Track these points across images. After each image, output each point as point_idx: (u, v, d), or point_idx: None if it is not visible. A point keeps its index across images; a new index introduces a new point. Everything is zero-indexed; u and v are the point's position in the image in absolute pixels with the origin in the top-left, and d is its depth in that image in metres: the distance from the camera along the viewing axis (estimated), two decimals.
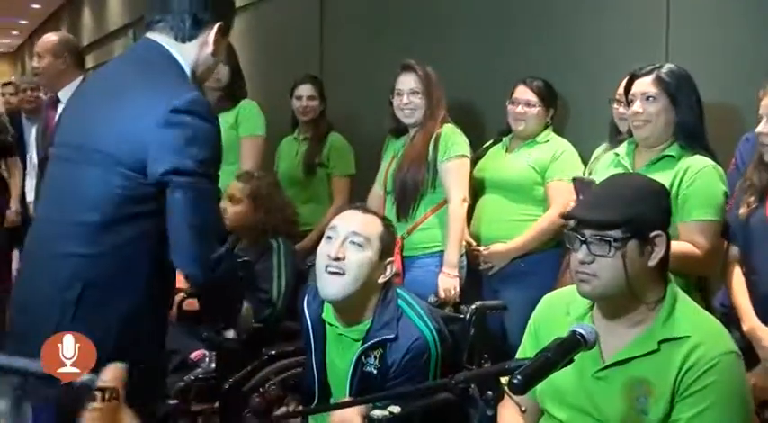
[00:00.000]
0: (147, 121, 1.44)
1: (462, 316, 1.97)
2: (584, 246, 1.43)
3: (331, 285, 1.74)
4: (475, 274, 2.72)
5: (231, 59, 3.11)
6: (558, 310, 1.60)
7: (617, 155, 2.17)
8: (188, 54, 1.58)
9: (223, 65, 3.05)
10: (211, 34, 1.59)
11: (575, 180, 2.21)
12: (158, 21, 1.57)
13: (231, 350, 2.20)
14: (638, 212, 1.42)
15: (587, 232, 1.43)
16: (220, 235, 1.56)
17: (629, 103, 2.11)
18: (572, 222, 1.49)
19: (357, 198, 3.31)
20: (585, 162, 2.64)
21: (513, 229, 2.66)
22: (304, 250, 2.90)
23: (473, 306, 1.98)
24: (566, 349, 1.19)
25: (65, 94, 3.00)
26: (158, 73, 1.54)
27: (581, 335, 1.22)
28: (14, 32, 17.86)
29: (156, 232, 1.50)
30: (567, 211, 1.54)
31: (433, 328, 1.77)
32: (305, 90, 3.29)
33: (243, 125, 3.13)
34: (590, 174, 2.45)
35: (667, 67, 2.06)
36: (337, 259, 1.73)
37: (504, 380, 1.20)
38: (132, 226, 1.48)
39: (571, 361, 1.22)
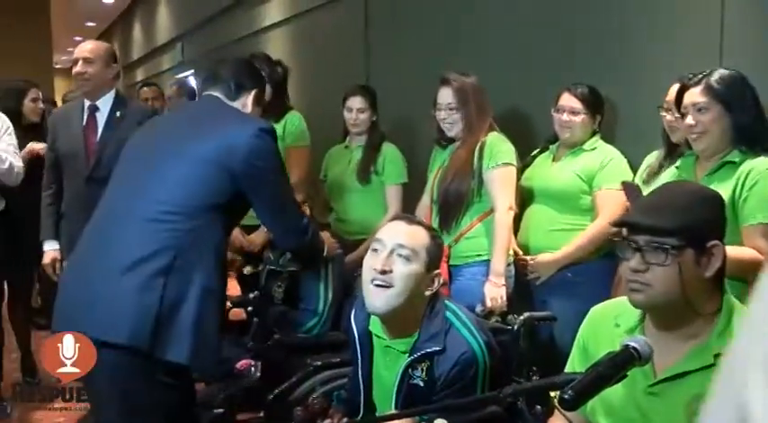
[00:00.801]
0: (241, 137, 1.94)
1: (510, 327, 1.92)
2: (638, 253, 1.37)
3: (377, 298, 1.72)
4: (523, 284, 2.68)
5: (273, 76, 3.16)
6: (607, 323, 1.54)
7: (678, 168, 2.11)
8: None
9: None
10: (250, 98, 2.11)
11: (624, 184, 2.15)
12: (212, 84, 2.11)
13: (277, 360, 2.20)
14: (694, 220, 1.36)
15: (641, 239, 1.37)
16: (300, 211, 2.16)
17: (682, 115, 2.04)
18: (623, 230, 1.44)
19: (408, 207, 3.30)
20: (635, 169, 2.57)
21: (559, 239, 2.60)
22: (357, 260, 2.89)
23: (521, 317, 1.93)
24: (618, 364, 1.14)
25: (104, 104, 3.04)
26: (236, 109, 2.07)
27: (634, 349, 1.17)
28: (70, 49, 18.43)
29: (225, 219, 1.94)
30: (619, 217, 1.48)
31: (482, 340, 1.73)
32: (355, 102, 3.26)
33: (290, 136, 3.18)
34: (643, 183, 2.39)
35: (718, 73, 1.98)
36: (384, 272, 1.71)
37: (553, 394, 1.16)
38: (214, 211, 1.90)
39: (624, 376, 1.17)
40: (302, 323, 2.41)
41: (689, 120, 1.99)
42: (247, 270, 3.00)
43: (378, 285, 1.71)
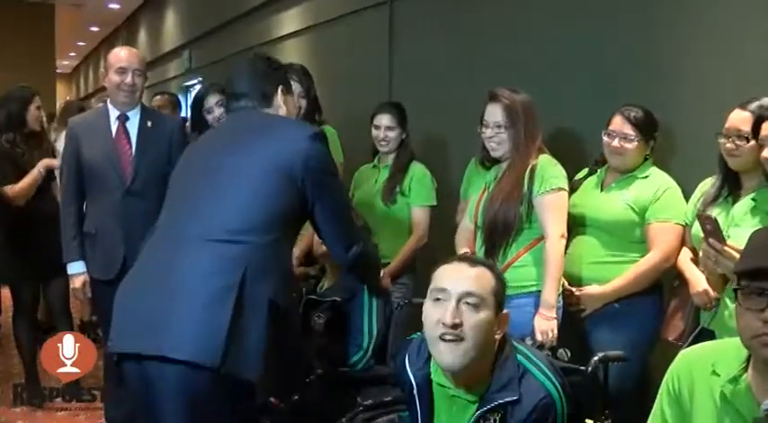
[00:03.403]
0: (296, 143, 1.90)
1: (583, 368, 1.80)
2: None
3: (450, 355, 1.59)
4: (568, 314, 2.54)
5: (310, 91, 3.08)
6: (702, 370, 1.42)
7: (754, 200, 2.03)
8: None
9: (301, 97, 3.01)
10: (278, 98, 2.05)
11: (700, 216, 2.04)
12: (237, 101, 2.05)
13: (319, 396, 2.07)
14: None
15: None
16: (354, 221, 2.10)
17: (760, 146, 1.97)
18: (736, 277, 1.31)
19: (434, 229, 3.17)
20: (687, 195, 2.45)
21: (609, 271, 2.48)
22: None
23: (595, 358, 1.81)
24: None
25: (134, 113, 2.97)
26: (278, 117, 2.03)
27: None
28: (72, 54, 18.36)
29: (291, 232, 1.95)
30: (744, 264, 1.34)
31: (558, 383, 1.61)
32: (384, 119, 3.15)
33: None
34: (703, 209, 2.27)
35: None
36: (454, 326, 1.58)
37: None
38: (282, 224, 1.87)
39: None
40: (346, 357, 2.28)
41: (766, 152, 1.93)
42: None
43: (449, 340, 1.59)
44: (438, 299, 1.62)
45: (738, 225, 2.00)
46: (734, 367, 1.37)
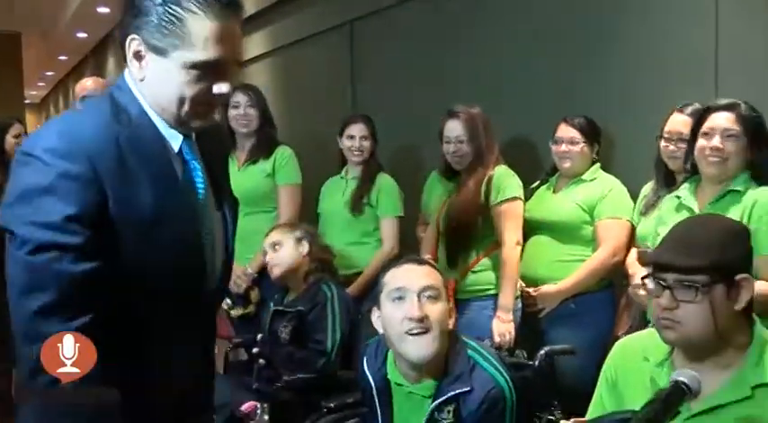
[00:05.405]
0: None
1: (532, 362, 1.90)
2: (667, 291, 1.36)
3: (420, 347, 1.69)
4: (526, 316, 2.65)
5: (260, 103, 3.08)
6: (635, 357, 1.53)
7: (678, 197, 2.13)
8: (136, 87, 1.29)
9: (251, 108, 3.04)
10: (129, 54, 1.27)
11: (639, 252, 2.16)
12: None
13: (286, 402, 2.14)
14: (725, 256, 1.36)
15: (670, 277, 1.36)
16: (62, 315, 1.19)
17: (693, 137, 2.05)
18: (649, 267, 1.44)
19: (400, 238, 3.23)
20: (635, 199, 2.59)
21: (562, 270, 2.60)
22: (352, 296, 2.82)
23: (542, 352, 1.92)
24: (672, 402, 1.13)
25: None
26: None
27: (684, 384, 1.16)
28: (41, 84, 18.25)
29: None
30: (647, 256, 1.47)
31: (507, 376, 1.71)
32: (358, 129, 3.15)
33: (280, 173, 3.08)
34: (641, 214, 2.41)
35: (744, 105, 2.02)
36: (421, 320, 1.69)
37: None
38: None
39: (678, 413, 1.15)
40: (311, 363, 2.36)
41: (715, 141, 1.99)
42: (235, 312, 2.92)
43: (416, 334, 1.69)
44: (399, 297, 1.73)
45: (665, 223, 2.09)
46: (662, 353, 1.48)
